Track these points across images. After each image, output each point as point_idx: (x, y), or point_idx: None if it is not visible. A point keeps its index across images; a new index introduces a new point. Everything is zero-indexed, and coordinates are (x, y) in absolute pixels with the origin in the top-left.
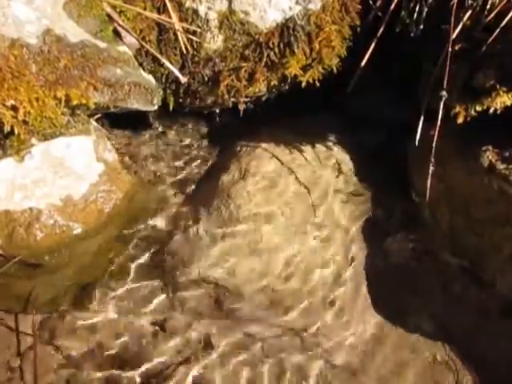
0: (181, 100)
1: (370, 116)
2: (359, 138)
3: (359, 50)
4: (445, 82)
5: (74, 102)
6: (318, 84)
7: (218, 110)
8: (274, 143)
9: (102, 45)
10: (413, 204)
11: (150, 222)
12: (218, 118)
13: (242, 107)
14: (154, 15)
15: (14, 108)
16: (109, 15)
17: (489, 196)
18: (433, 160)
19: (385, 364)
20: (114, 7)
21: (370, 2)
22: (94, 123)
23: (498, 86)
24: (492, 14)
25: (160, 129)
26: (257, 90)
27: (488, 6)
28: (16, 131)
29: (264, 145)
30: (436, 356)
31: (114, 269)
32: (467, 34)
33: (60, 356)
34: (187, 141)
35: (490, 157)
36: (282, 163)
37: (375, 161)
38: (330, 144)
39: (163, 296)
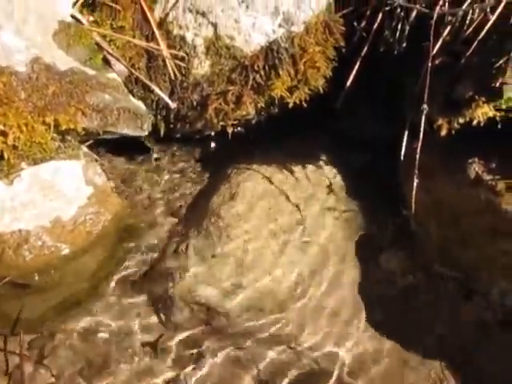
0: (171, 125)
1: (358, 135)
2: (348, 157)
3: (345, 71)
4: (425, 96)
5: (63, 127)
6: (305, 105)
7: (210, 134)
8: (265, 164)
9: (91, 72)
10: (405, 218)
11: (140, 242)
12: (211, 143)
13: (230, 130)
14: (143, 43)
15: (4, 133)
16: (98, 44)
17: (476, 207)
18: (417, 172)
19: (382, 381)
20: (103, 36)
21: (355, 23)
22: (85, 149)
23: (476, 97)
24: (470, 29)
25: (154, 155)
26: (244, 112)
27: (467, 22)
28: (6, 156)
29: (255, 166)
30: (434, 372)
31: (102, 288)
32: (447, 49)
33: (49, 375)
34: (180, 165)
35: (477, 169)
36: (273, 183)
37: (365, 178)
38: (320, 163)
39: (152, 314)
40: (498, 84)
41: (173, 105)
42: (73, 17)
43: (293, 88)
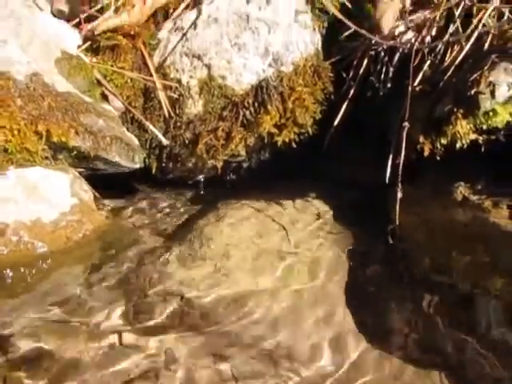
0: (163, 164)
1: (347, 178)
2: (337, 193)
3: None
4: (406, 114)
5: (54, 139)
6: (294, 145)
7: (201, 180)
8: (254, 199)
9: (88, 99)
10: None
11: (120, 253)
12: (202, 187)
13: (219, 164)
14: (140, 76)
15: None
16: (98, 80)
17: (465, 221)
18: (400, 186)
19: None
20: (104, 75)
21: (343, 74)
22: (75, 172)
23: (455, 110)
24: (448, 61)
25: (147, 193)
26: (234, 150)
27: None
28: None
29: (243, 201)
30: None
31: (75, 292)
32: (426, 78)
33: None
34: (170, 201)
35: (463, 191)
36: (260, 211)
37: (354, 209)
38: (309, 198)
39: (126, 315)
40: (472, 93)
41: (166, 142)
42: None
43: (281, 126)
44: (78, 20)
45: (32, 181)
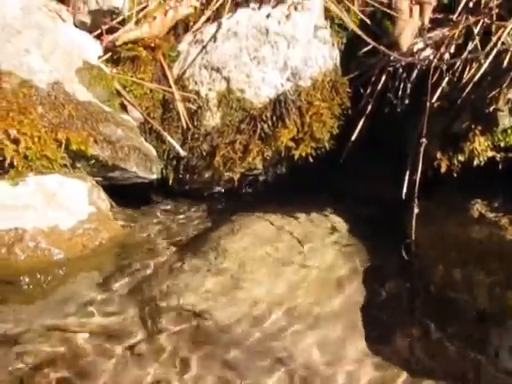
0: (180, 176)
1: (364, 193)
2: (354, 208)
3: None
4: (424, 129)
5: (74, 147)
6: (311, 160)
7: (218, 191)
8: (269, 212)
9: (108, 109)
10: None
11: (135, 261)
12: (218, 200)
13: (236, 177)
14: (160, 86)
15: (17, 141)
16: (117, 91)
17: (480, 238)
18: (416, 202)
19: None
20: (123, 86)
21: (361, 90)
22: (92, 181)
23: (472, 126)
24: (466, 78)
25: (164, 205)
26: (251, 164)
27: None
28: (15, 163)
29: (259, 213)
30: None
31: (90, 299)
32: (444, 95)
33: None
34: (187, 213)
35: (480, 209)
36: (274, 223)
37: (370, 224)
38: (325, 212)
39: (139, 323)
40: (491, 110)
41: (183, 153)
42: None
43: (299, 140)
44: (99, 31)
45: (51, 188)
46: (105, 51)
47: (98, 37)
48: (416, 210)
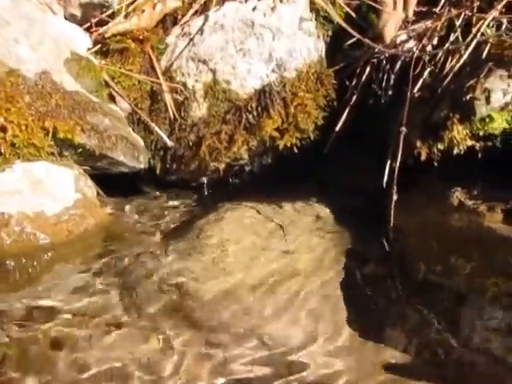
0: (168, 165)
1: (348, 183)
2: (338, 199)
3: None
4: (404, 119)
5: (61, 135)
6: (296, 150)
7: (204, 181)
8: (255, 201)
9: (96, 99)
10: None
11: (120, 247)
12: (205, 190)
13: (221, 166)
14: (147, 78)
15: (4, 129)
16: (106, 82)
17: (460, 225)
18: (395, 188)
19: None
20: (112, 77)
21: (347, 82)
22: (80, 169)
23: (451, 115)
24: (447, 69)
25: (151, 194)
26: (236, 149)
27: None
28: (2, 150)
29: (244, 203)
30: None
31: (75, 282)
32: (426, 85)
33: None
34: (174, 202)
35: (459, 196)
36: (259, 212)
37: (354, 213)
38: (310, 202)
39: (123, 303)
40: (468, 98)
41: (170, 143)
42: None
43: (283, 130)
44: (89, 24)
45: (38, 175)
46: (94, 43)
47: (88, 29)
48: (395, 197)
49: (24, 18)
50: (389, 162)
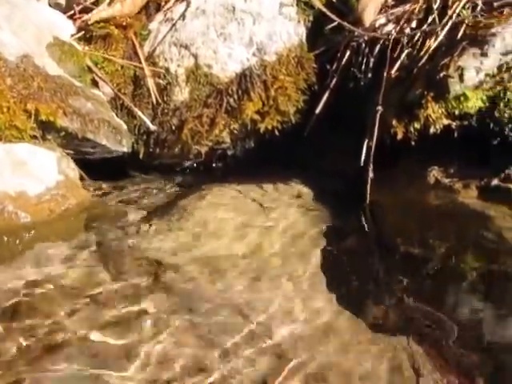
0: (151, 150)
1: (328, 166)
2: (319, 181)
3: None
4: (380, 98)
5: (43, 117)
6: (278, 134)
7: (188, 165)
8: (236, 183)
9: (78, 84)
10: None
11: (102, 225)
12: (189, 174)
13: (203, 150)
14: (130, 62)
15: None
16: (89, 67)
17: (437, 203)
18: (371, 166)
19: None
20: (95, 62)
21: (327, 66)
22: (62, 151)
23: (425, 93)
24: (424, 50)
25: (135, 178)
26: (217, 132)
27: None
28: None
29: (226, 185)
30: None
31: (56, 257)
32: (403, 67)
33: None
34: (158, 185)
35: (436, 175)
36: (240, 192)
37: (334, 193)
38: (291, 183)
39: (104, 276)
40: (441, 76)
41: (153, 127)
42: None
43: (264, 113)
44: (73, 11)
45: (20, 156)
46: (78, 30)
47: (72, 16)
48: (371, 175)
49: (6, 3)
50: (366, 141)
